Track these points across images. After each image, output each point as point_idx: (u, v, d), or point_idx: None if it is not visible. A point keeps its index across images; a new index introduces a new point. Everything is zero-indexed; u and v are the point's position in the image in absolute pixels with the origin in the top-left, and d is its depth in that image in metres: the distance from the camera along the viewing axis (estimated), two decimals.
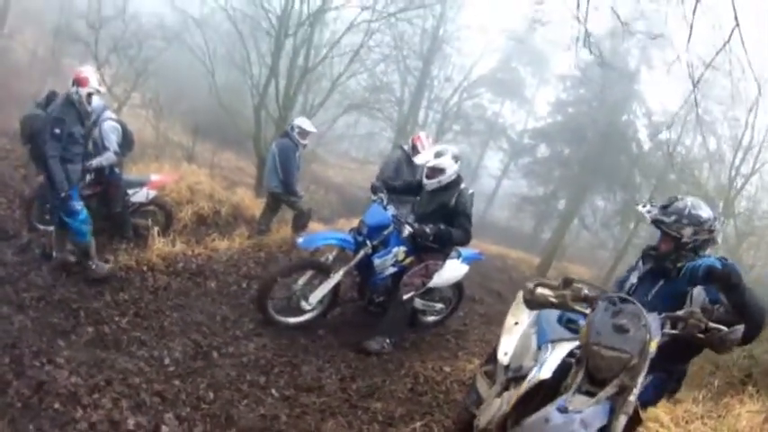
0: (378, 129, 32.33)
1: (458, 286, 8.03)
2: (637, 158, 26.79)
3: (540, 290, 3.95)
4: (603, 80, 24.18)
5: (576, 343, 3.76)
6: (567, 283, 3.85)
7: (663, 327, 3.49)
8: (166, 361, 5.76)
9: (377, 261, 7.08)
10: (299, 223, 10.30)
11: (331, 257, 7.24)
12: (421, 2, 20.37)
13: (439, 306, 7.99)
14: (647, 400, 3.98)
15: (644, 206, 4.13)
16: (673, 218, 3.93)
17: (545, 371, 3.80)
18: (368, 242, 7.02)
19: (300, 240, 7.55)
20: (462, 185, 7.05)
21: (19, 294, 6.54)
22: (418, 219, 7.15)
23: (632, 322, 3.38)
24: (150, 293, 7.41)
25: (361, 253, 7.02)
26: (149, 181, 9.15)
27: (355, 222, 7.86)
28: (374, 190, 7.45)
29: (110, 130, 8.43)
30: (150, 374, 5.35)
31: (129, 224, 8.98)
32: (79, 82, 7.06)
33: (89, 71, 7.27)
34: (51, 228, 8.35)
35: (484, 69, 34.97)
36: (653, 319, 3.41)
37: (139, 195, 9.03)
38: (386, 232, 7.04)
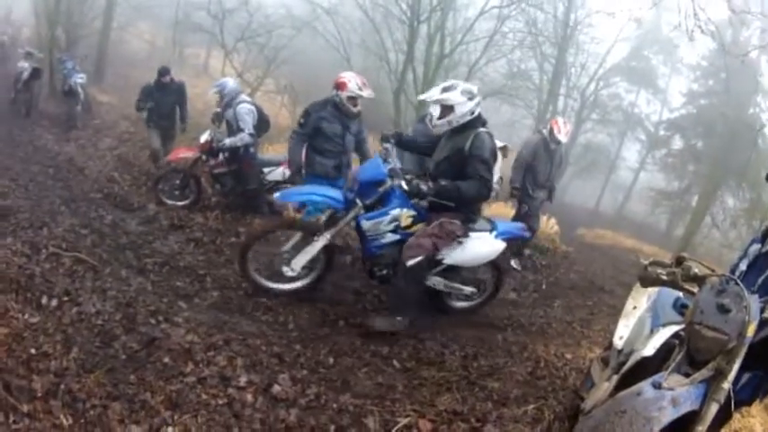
0: (519, 117, 32.05)
1: (496, 268, 6.73)
2: (765, 155, 25.37)
3: (652, 267, 3.81)
4: (727, 71, 22.99)
5: (683, 325, 3.59)
6: (679, 261, 3.70)
7: (763, 311, 3.26)
8: (290, 326, 5.79)
9: (366, 223, 6.00)
10: None
11: (324, 218, 6.39)
12: None
13: (468, 290, 6.60)
14: (743, 398, 3.70)
15: None
16: None
17: (648, 348, 3.66)
18: (358, 201, 6.01)
19: (277, 194, 6.58)
20: (482, 129, 5.81)
21: (141, 260, 6.77)
22: (433, 168, 6.13)
23: (734, 302, 3.19)
24: None
25: (351, 214, 6.02)
26: (286, 160, 9.21)
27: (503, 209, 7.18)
28: (383, 139, 6.42)
29: (244, 113, 8.85)
30: (272, 338, 5.39)
31: (263, 200, 9.23)
32: (339, 86, 7.63)
33: (348, 76, 7.67)
34: (179, 203, 9.01)
35: (617, 57, 34.07)
36: (753, 301, 3.21)
37: (276, 174, 9.24)
38: (380, 189, 5.95)
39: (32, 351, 4.33)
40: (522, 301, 8.00)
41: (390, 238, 6.00)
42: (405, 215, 5.93)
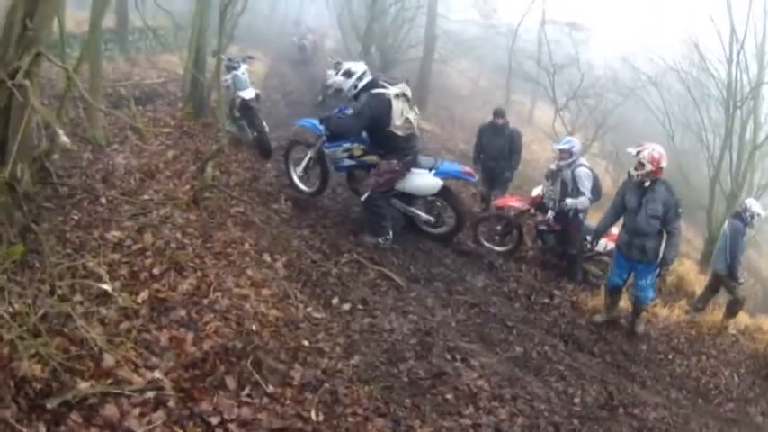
0: None
1: (454, 206, 8.19)
2: None
3: None
4: None
5: None
6: None
7: None
8: (576, 400, 5.61)
9: (326, 150, 8.04)
10: (732, 310, 9.35)
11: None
12: None
13: (425, 217, 8.23)
14: None
15: None
16: None
17: None
18: (323, 132, 7.93)
19: (296, 120, 9.43)
20: (375, 91, 7.32)
21: (451, 294, 6.85)
22: None
23: None
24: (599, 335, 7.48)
25: (318, 142, 8.11)
26: (611, 233, 8.51)
27: None
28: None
29: (584, 177, 8.51)
30: (556, 406, 5.23)
31: (579, 268, 9.10)
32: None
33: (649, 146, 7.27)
34: (497, 248, 9.06)
35: None
36: None
37: (599, 245, 8.59)
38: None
39: (305, 342, 4.54)
40: None
41: (347, 162, 7.95)
42: (356, 148, 7.77)
